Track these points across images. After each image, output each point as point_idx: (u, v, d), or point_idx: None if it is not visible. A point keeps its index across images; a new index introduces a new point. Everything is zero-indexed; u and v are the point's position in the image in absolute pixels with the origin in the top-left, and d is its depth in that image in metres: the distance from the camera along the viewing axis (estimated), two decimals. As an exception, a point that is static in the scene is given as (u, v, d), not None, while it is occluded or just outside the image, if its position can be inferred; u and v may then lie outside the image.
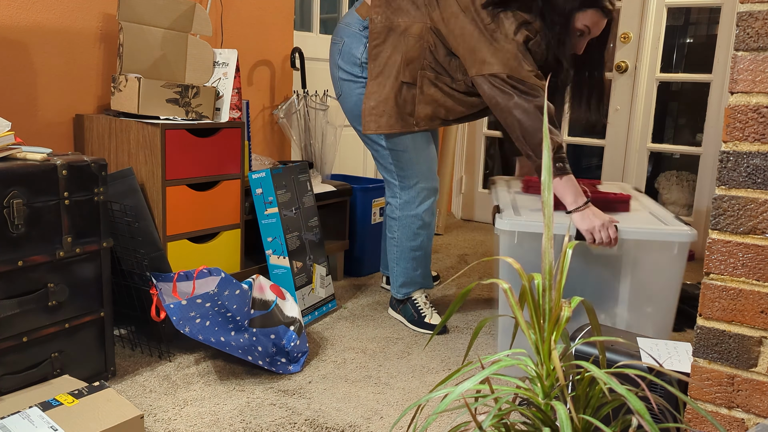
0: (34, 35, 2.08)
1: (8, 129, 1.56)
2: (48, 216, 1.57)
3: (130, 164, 2.05)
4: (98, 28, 2.24)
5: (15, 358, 1.55)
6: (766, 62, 0.94)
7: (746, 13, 0.95)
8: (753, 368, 1.00)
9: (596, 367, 0.86)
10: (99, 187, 1.67)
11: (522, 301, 0.95)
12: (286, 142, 3.05)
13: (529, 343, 0.93)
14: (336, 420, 1.63)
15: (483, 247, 3.45)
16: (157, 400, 1.69)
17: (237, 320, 1.79)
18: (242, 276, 2.29)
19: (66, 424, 1.33)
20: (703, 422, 1.06)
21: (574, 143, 3.71)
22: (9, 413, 1.38)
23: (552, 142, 1.81)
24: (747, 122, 0.97)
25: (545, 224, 0.94)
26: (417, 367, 1.96)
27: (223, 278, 1.74)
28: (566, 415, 0.80)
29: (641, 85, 3.40)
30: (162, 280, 1.93)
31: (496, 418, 0.91)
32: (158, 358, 1.92)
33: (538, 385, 0.92)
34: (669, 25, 3.43)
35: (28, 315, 1.56)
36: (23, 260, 1.52)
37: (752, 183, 0.97)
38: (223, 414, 1.63)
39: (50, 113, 2.16)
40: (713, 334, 1.03)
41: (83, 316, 1.68)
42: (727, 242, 1.00)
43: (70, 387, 1.52)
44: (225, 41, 2.66)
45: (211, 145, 2.11)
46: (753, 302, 0.99)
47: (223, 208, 2.19)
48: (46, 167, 1.55)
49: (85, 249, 1.65)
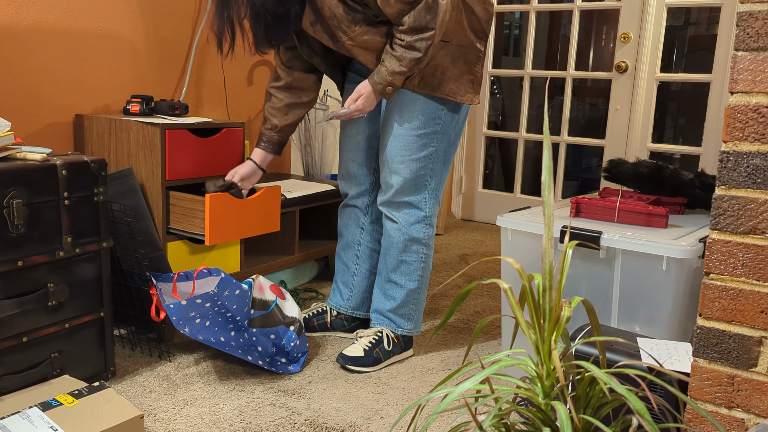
0: (34, 35, 2.08)
1: (8, 129, 1.56)
2: (48, 216, 1.57)
3: (130, 164, 2.05)
4: (98, 28, 2.24)
5: (15, 358, 1.55)
6: (766, 62, 0.94)
7: (746, 13, 0.95)
8: (753, 368, 1.00)
9: (596, 367, 0.86)
10: (99, 187, 1.67)
11: (522, 301, 0.95)
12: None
13: (530, 343, 0.93)
14: (336, 420, 1.63)
15: (483, 247, 3.46)
16: (157, 400, 1.69)
17: (237, 320, 1.79)
18: (242, 276, 2.29)
19: (66, 424, 1.33)
20: (703, 422, 1.06)
21: (574, 143, 3.71)
22: (9, 413, 1.38)
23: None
24: (747, 122, 0.97)
25: (545, 224, 0.94)
26: (417, 367, 1.96)
27: (223, 278, 1.74)
28: (566, 415, 0.80)
29: (641, 85, 3.41)
30: (162, 280, 1.93)
31: (496, 418, 0.91)
32: (158, 358, 1.92)
33: (538, 385, 0.92)
34: (669, 25, 3.43)
35: (28, 315, 1.56)
36: (23, 260, 1.52)
37: (752, 183, 0.97)
38: (223, 414, 1.63)
39: (50, 113, 2.16)
40: (713, 334, 1.03)
41: (83, 316, 1.68)
42: (727, 242, 1.00)
43: (70, 387, 1.52)
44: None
45: (211, 145, 2.11)
46: (753, 302, 0.99)
47: (223, 208, 2.19)
48: (46, 167, 1.55)
49: (85, 249, 1.65)
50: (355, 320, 2.18)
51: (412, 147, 1.87)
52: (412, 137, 1.86)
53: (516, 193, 3.96)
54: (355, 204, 2.11)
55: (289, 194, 2.44)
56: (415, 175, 1.89)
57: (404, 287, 1.97)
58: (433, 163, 1.90)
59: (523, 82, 3.81)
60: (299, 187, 2.59)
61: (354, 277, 2.14)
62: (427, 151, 1.88)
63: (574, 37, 3.57)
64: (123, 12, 2.30)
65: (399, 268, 1.96)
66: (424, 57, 1.73)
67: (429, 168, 1.90)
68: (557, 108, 4.41)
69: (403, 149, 1.87)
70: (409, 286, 1.97)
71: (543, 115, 4.20)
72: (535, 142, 4.13)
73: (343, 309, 2.16)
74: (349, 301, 2.15)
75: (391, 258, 1.96)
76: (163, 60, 2.46)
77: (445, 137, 1.90)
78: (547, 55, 4.69)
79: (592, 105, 4.55)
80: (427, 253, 1.97)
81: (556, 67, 4.65)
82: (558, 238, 1.70)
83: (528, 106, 3.84)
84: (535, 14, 3.72)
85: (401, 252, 1.94)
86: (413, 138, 1.86)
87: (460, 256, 3.26)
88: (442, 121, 1.87)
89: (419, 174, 1.89)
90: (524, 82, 3.80)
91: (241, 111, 2.80)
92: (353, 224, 2.12)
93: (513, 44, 4.79)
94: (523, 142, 3.90)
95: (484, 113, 4.00)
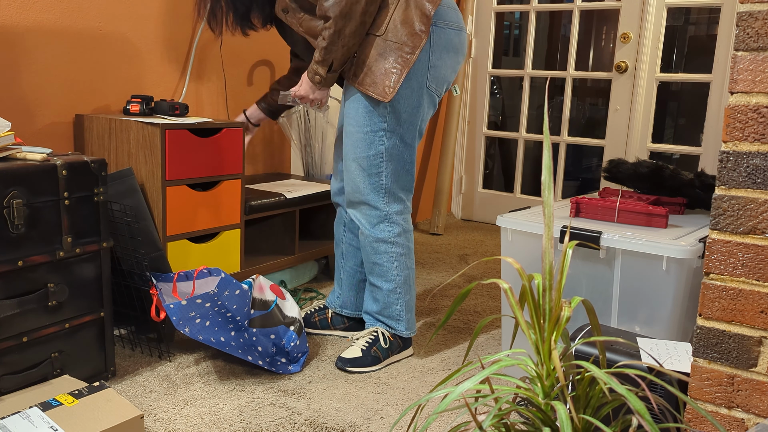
0: (34, 35, 2.08)
1: (8, 129, 1.56)
2: (48, 216, 1.57)
3: (130, 164, 2.05)
4: (98, 28, 2.24)
5: (15, 358, 1.55)
6: (766, 62, 0.94)
7: (746, 13, 0.95)
8: (753, 368, 1.00)
9: (596, 367, 0.86)
10: (99, 187, 1.67)
11: (522, 301, 0.95)
12: (286, 142, 3.05)
13: (530, 343, 0.93)
14: (336, 420, 1.63)
15: (483, 247, 3.46)
16: (157, 400, 1.69)
17: (237, 320, 1.79)
18: (242, 276, 2.29)
19: (66, 424, 1.33)
20: (703, 422, 1.06)
21: (574, 143, 3.71)
22: (9, 413, 1.38)
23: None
24: (747, 122, 0.97)
25: (545, 224, 0.94)
26: (417, 367, 1.96)
27: (223, 278, 1.74)
28: (566, 415, 0.80)
29: (641, 85, 3.41)
30: (162, 280, 1.93)
31: (496, 418, 0.91)
32: (158, 358, 1.92)
33: (538, 385, 0.92)
34: (669, 25, 3.43)
35: (28, 315, 1.56)
36: (23, 260, 1.52)
37: (752, 183, 0.97)
38: (223, 414, 1.63)
39: (50, 113, 2.16)
40: (713, 334, 1.03)
41: (83, 316, 1.68)
42: (727, 242, 1.00)
43: (70, 387, 1.52)
44: (225, 41, 2.66)
45: (211, 145, 2.11)
46: (753, 302, 0.99)
47: (223, 208, 2.19)
48: (46, 167, 1.55)
49: (85, 249, 1.65)
50: (353, 318, 2.18)
51: (361, 144, 1.86)
52: (360, 134, 1.85)
53: (516, 193, 3.96)
54: (338, 202, 2.13)
55: (289, 194, 2.44)
56: (366, 174, 1.87)
57: (382, 288, 1.96)
58: (386, 161, 1.87)
59: (523, 82, 3.81)
60: (299, 187, 2.59)
61: (341, 275, 2.15)
62: (377, 149, 1.85)
63: (574, 37, 3.57)
64: (123, 12, 2.30)
65: (374, 270, 1.96)
66: (330, 46, 1.74)
67: (382, 166, 1.87)
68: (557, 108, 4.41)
69: (354, 147, 1.87)
70: (386, 287, 1.95)
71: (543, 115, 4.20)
72: (535, 142, 4.13)
73: (333, 306, 2.16)
74: (339, 299, 2.16)
75: (366, 261, 1.97)
76: (163, 60, 2.46)
77: (395, 135, 1.86)
78: (547, 55, 4.69)
79: (592, 105, 4.55)
80: (397, 251, 1.93)
81: (556, 67, 4.66)
82: (558, 238, 1.70)
83: (528, 106, 3.84)
84: (535, 14, 3.72)
85: (371, 255, 1.94)
86: (361, 135, 1.85)
87: (460, 256, 3.26)
88: (387, 119, 1.84)
89: (371, 172, 1.87)
90: (524, 82, 3.80)
91: (241, 111, 2.81)
92: (339, 222, 2.14)
93: (513, 44, 4.80)
94: (523, 142, 3.90)
95: (484, 113, 4.00)
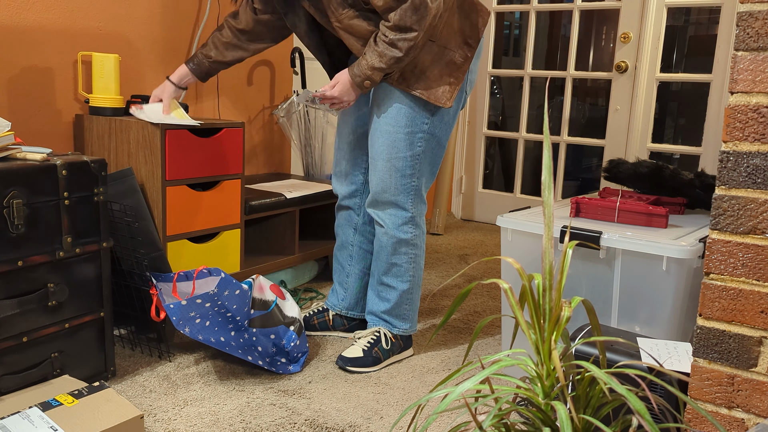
0: (34, 35, 2.08)
1: (8, 129, 1.56)
2: (48, 216, 1.57)
3: (130, 164, 2.05)
4: (98, 28, 2.24)
5: (15, 358, 1.55)
6: (766, 62, 0.94)
7: (746, 13, 0.95)
8: (753, 368, 1.00)
9: (596, 367, 0.86)
10: (99, 187, 1.67)
11: (522, 301, 0.95)
12: (286, 142, 3.05)
13: (530, 343, 0.93)
14: (336, 420, 1.63)
15: (483, 247, 3.46)
16: (157, 400, 1.69)
17: (237, 320, 1.79)
18: (242, 276, 2.29)
19: (66, 424, 1.33)
20: (703, 422, 1.06)
21: (574, 143, 3.71)
22: (9, 413, 1.38)
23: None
24: (747, 122, 0.97)
25: (545, 224, 0.94)
26: (417, 367, 1.96)
27: (222, 278, 1.74)
28: (566, 415, 0.80)
29: (641, 85, 3.41)
30: (162, 280, 1.93)
31: (496, 418, 0.91)
32: (158, 358, 1.92)
33: (538, 385, 0.92)
34: (669, 25, 3.43)
35: (28, 315, 1.56)
36: (23, 260, 1.52)
37: (752, 183, 0.97)
38: (223, 414, 1.63)
39: (50, 113, 2.16)
40: (713, 334, 1.03)
41: (83, 316, 1.68)
42: (727, 242, 1.00)
43: (70, 387, 1.52)
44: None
45: (211, 145, 2.11)
46: (753, 302, 0.99)
47: (223, 208, 2.19)
48: (46, 167, 1.55)
49: (85, 249, 1.65)
50: (355, 319, 2.18)
51: (398, 145, 1.85)
52: (399, 135, 1.85)
53: (516, 193, 3.96)
54: (348, 205, 2.11)
55: (289, 194, 2.44)
56: (400, 174, 1.87)
57: (397, 289, 1.96)
58: (421, 163, 1.88)
59: (523, 82, 3.81)
60: (299, 187, 2.59)
61: (348, 278, 2.14)
62: (414, 151, 1.86)
63: (574, 37, 3.57)
64: (123, 12, 2.30)
65: (390, 270, 1.96)
66: (404, 57, 1.71)
67: (416, 168, 1.88)
68: (557, 108, 4.41)
69: (390, 146, 1.86)
70: (401, 287, 1.96)
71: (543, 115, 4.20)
72: (535, 142, 4.13)
73: (337, 309, 2.16)
74: (344, 301, 2.15)
75: (382, 261, 1.96)
76: (163, 60, 2.46)
77: (434, 138, 1.88)
78: (547, 55, 4.69)
79: (592, 105, 4.55)
80: (416, 253, 1.96)
81: (556, 67, 4.65)
82: (558, 238, 1.69)
83: (528, 106, 3.84)
84: (535, 14, 3.72)
85: (391, 255, 1.94)
86: (401, 136, 1.84)
87: (460, 256, 3.26)
88: (429, 121, 1.85)
89: (405, 173, 1.87)
90: (524, 82, 3.80)
91: (241, 111, 2.81)
92: (347, 225, 2.12)
93: (513, 44, 4.80)
94: (523, 142, 3.90)
95: (484, 113, 4.00)
